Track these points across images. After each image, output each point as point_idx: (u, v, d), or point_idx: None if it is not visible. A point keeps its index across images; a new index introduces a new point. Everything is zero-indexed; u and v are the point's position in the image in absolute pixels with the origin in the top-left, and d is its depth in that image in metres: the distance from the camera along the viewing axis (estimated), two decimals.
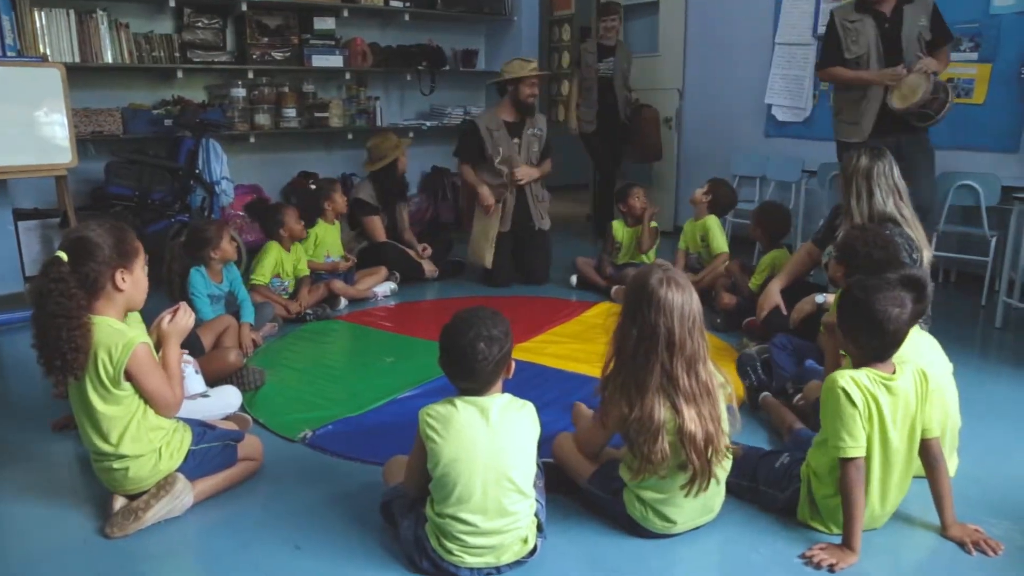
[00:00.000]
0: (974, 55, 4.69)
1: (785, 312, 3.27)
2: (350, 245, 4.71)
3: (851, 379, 1.96)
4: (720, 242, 4.32)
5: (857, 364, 2.04)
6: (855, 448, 1.92)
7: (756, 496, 2.19)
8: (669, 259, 4.47)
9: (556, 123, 8.92)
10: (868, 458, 1.97)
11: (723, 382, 1.96)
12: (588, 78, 5.90)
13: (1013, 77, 4.56)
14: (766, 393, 2.83)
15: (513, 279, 4.82)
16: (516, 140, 4.73)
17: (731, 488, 2.11)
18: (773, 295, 3.35)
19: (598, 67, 5.84)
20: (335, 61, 5.51)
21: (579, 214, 7.55)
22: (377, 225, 4.77)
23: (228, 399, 2.74)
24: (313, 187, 5.16)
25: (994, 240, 4.31)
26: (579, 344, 3.56)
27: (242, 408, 2.83)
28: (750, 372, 2.94)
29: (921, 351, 2.34)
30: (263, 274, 3.93)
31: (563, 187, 8.62)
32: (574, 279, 4.76)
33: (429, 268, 4.85)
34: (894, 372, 2.01)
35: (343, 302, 4.26)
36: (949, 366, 2.41)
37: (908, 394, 2.00)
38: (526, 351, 3.45)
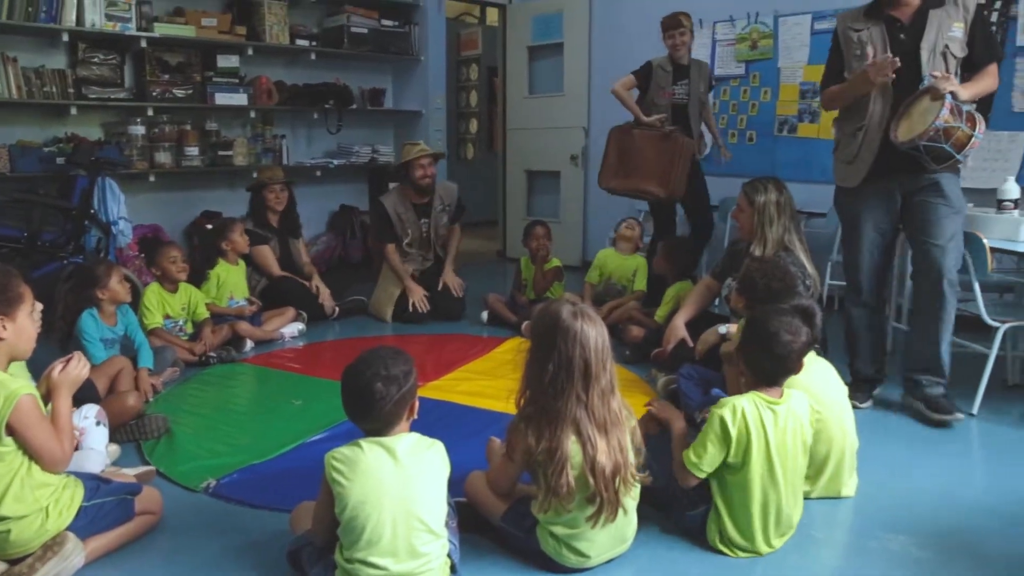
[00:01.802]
0: None
1: (691, 344, 3.36)
2: (250, 284, 4.60)
3: (733, 408, 2.09)
4: (644, 281, 4.53)
5: (748, 388, 2.17)
6: (698, 469, 2.09)
7: (668, 504, 2.23)
8: (579, 292, 4.57)
9: (464, 160, 9.06)
10: (750, 477, 2.08)
11: (628, 413, 2.00)
12: (659, 103, 4.81)
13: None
14: None
15: (422, 318, 4.76)
16: (424, 220, 4.89)
17: (646, 496, 2.14)
18: (678, 328, 3.45)
19: (673, 90, 4.80)
20: (239, 99, 5.42)
21: (489, 250, 7.60)
22: (266, 254, 4.68)
23: (85, 463, 2.42)
24: (210, 227, 5.04)
25: None
26: (490, 380, 3.56)
27: (143, 460, 2.70)
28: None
29: (815, 376, 2.46)
30: (152, 317, 3.80)
31: (471, 224, 8.67)
32: (485, 315, 4.77)
33: (329, 304, 4.78)
34: (781, 396, 2.15)
35: (249, 344, 4.14)
36: (844, 389, 2.53)
37: (798, 417, 2.15)
38: (437, 389, 3.43)
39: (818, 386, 2.43)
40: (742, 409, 2.09)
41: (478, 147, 9.35)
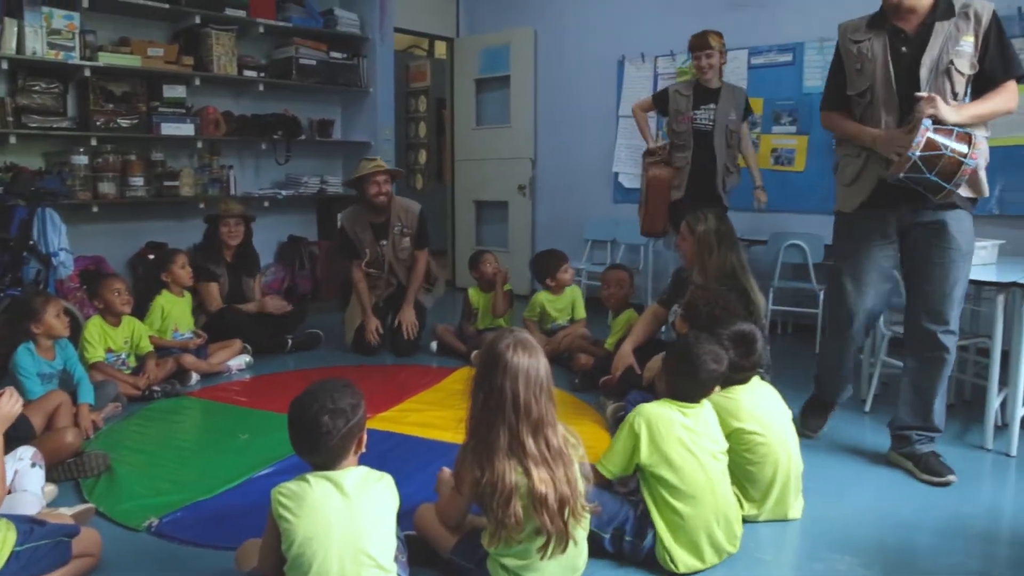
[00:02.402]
0: (793, 128, 5.16)
1: (638, 371, 3.41)
2: (196, 318, 4.52)
3: (640, 410, 2.24)
4: (583, 308, 4.60)
5: (661, 397, 2.33)
6: (606, 470, 2.25)
7: (619, 545, 2.24)
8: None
9: (413, 191, 9.07)
10: (676, 478, 2.17)
11: (575, 443, 2.00)
12: (678, 129, 4.47)
13: (826, 148, 5.04)
14: None
15: (377, 349, 4.72)
16: (383, 242, 4.78)
17: (594, 540, 2.15)
18: (626, 355, 3.50)
19: (693, 115, 4.42)
20: (186, 129, 5.36)
21: None
22: (211, 291, 4.63)
23: (19, 506, 2.32)
24: (151, 258, 4.96)
25: (822, 293, 4.68)
26: (440, 411, 3.55)
27: (82, 499, 2.62)
28: None
29: (760, 400, 2.52)
30: (93, 350, 3.71)
31: None
32: (434, 345, 4.77)
33: (276, 305, 4.75)
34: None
35: (194, 377, 4.07)
36: (788, 413, 2.59)
37: (707, 425, 2.28)
38: (387, 420, 3.41)
39: (763, 410, 2.49)
40: (649, 409, 2.24)
41: (427, 178, 9.37)
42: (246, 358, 4.42)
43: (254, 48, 5.91)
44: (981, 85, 2.71)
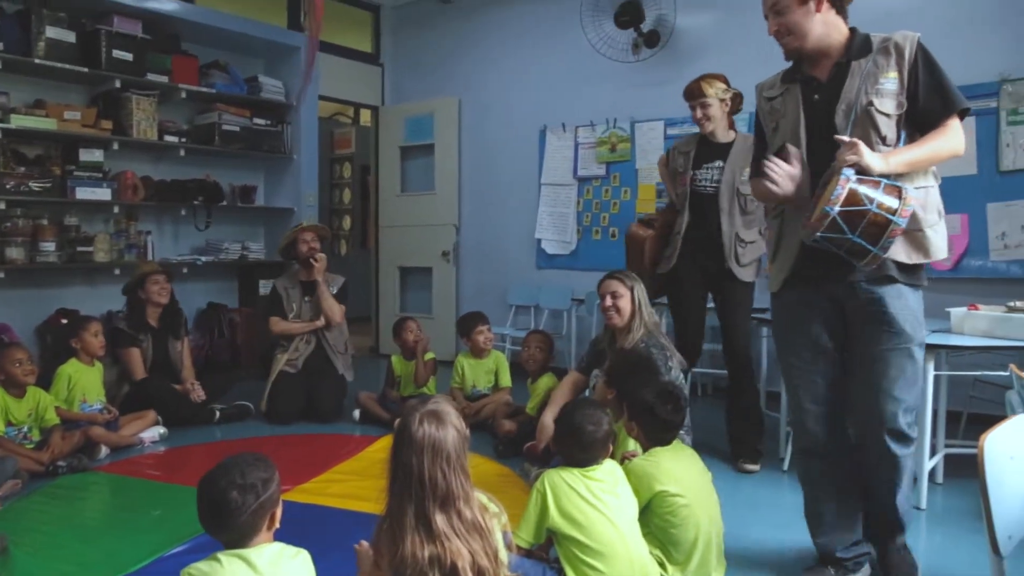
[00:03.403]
0: None
1: None
2: (112, 391, 4.35)
3: (542, 480, 2.31)
4: (508, 376, 4.62)
5: (565, 465, 2.39)
6: (521, 539, 2.28)
7: None
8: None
9: (338, 256, 9.04)
10: (598, 536, 2.22)
11: (497, 511, 1.99)
12: (677, 192, 3.89)
13: None
14: None
15: (295, 417, 4.65)
16: (308, 299, 4.96)
17: None
18: (547, 426, 3.47)
19: (693, 175, 3.79)
20: (103, 194, 5.24)
21: (362, 346, 7.52)
22: (134, 358, 4.50)
23: None
24: (64, 322, 4.79)
25: None
26: (363, 481, 3.48)
27: None
28: None
29: (682, 463, 2.56)
30: None
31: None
32: (357, 413, 4.70)
33: (196, 394, 4.59)
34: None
35: (104, 450, 3.89)
36: (709, 475, 2.62)
37: (614, 482, 2.35)
38: (307, 492, 3.33)
39: (684, 472, 2.53)
40: (553, 473, 2.31)
41: (351, 244, 9.37)
42: (160, 429, 4.25)
43: (176, 113, 5.86)
44: (921, 126, 2.28)
